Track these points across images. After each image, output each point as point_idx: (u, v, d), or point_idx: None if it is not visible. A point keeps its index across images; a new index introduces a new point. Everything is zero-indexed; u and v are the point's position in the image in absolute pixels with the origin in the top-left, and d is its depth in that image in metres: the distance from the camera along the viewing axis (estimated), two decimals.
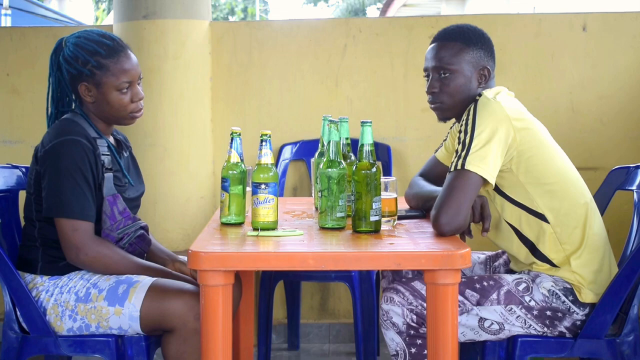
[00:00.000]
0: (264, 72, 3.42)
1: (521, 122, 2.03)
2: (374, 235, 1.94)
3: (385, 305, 2.04)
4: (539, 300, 2.02)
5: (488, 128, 1.98)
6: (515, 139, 2.00)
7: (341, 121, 2.21)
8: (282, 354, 3.34)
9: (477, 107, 2.02)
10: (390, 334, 2.04)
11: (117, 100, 2.11)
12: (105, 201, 2.08)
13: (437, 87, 2.14)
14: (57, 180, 2.02)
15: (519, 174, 2.04)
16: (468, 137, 1.99)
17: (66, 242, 2.02)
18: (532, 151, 2.03)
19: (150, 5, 3.23)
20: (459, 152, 1.99)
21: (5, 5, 7.86)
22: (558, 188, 2.07)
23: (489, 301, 2.02)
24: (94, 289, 2.04)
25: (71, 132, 2.05)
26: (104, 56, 2.10)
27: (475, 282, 2.05)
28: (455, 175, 1.97)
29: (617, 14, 3.39)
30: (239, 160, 2.11)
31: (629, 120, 3.34)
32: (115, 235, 2.09)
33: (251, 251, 1.84)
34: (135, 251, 2.15)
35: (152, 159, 3.25)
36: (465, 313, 2.02)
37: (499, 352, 2.05)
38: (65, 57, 2.12)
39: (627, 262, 1.97)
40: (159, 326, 2.01)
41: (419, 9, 16.28)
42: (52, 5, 13.34)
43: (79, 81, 2.11)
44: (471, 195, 1.97)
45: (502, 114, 2.00)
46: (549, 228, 2.05)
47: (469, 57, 2.12)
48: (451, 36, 2.16)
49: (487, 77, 2.14)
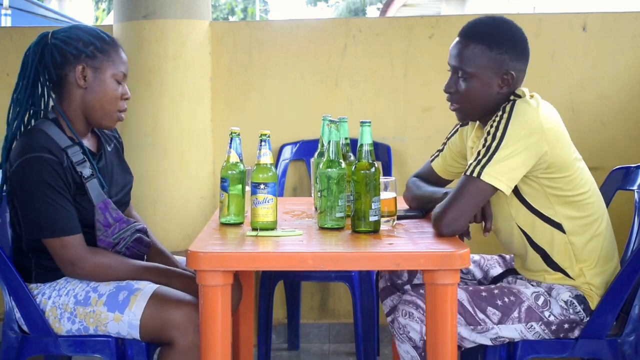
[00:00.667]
0: (264, 72, 3.41)
1: (555, 133, 1.94)
2: (373, 236, 1.94)
3: (403, 319, 1.99)
4: (558, 314, 1.99)
5: (519, 138, 1.89)
6: (547, 152, 1.92)
7: (341, 121, 2.20)
8: (282, 354, 3.34)
9: (514, 111, 1.92)
10: (406, 347, 2.00)
11: (111, 90, 2.05)
12: (97, 209, 2.03)
13: (454, 88, 2.05)
14: (31, 203, 1.96)
15: (545, 184, 1.98)
16: (495, 143, 1.90)
17: (60, 260, 1.99)
18: (562, 164, 1.96)
19: (150, 5, 3.23)
20: (480, 155, 1.92)
21: (5, 5, 7.86)
22: (582, 199, 2.01)
23: (510, 319, 1.98)
24: (93, 293, 2.03)
25: (35, 147, 1.95)
26: (106, 42, 2.07)
27: (497, 298, 1.99)
28: (469, 181, 1.92)
29: (617, 14, 3.39)
30: (238, 160, 2.11)
31: (629, 120, 3.34)
32: (111, 241, 2.05)
33: (250, 251, 1.84)
34: (133, 254, 2.12)
35: (152, 159, 3.25)
36: (484, 332, 1.98)
37: (500, 354, 2.04)
38: (62, 38, 2.04)
39: (627, 262, 1.97)
40: (158, 336, 1.99)
41: (419, 9, 16.28)
42: (52, 5, 13.34)
43: (76, 62, 2.02)
44: (479, 204, 1.94)
45: (537, 123, 1.91)
46: (564, 238, 2.01)
47: (491, 61, 2.00)
48: (476, 35, 2.02)
49: (510, 82, 2.01)
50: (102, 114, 2.07)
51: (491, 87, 2.02)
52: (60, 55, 2.04)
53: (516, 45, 2.03)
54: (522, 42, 2.06)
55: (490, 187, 1.90)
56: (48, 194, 1.94)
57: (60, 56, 2.04)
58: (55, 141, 2.00)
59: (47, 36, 2.08)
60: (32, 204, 1.96)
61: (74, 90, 2.06)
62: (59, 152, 1.98)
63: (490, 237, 2.17)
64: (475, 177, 1.91)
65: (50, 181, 1.94)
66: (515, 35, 2.05)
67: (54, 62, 2.05)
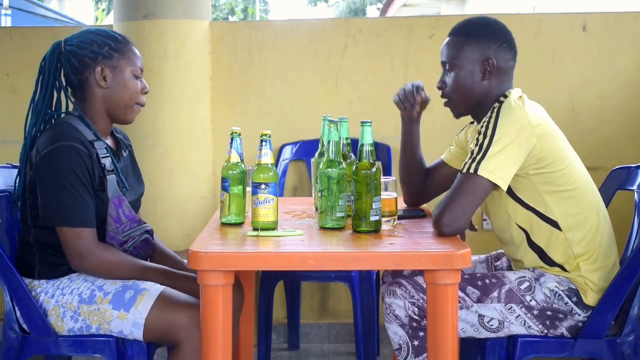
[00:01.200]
0: (264, 72, 3.42)
1: (543, 128, 2.00)
2: (374, 235, 1.94)
3: (388, 298, 2.05)
4: (540, 300, 2.02)
5: (509, 134, 1.94)
6: (535, 146, 1.96)
7: (341, 121, 2.20)
8: (282, 354, 3.34)
9: (501, 111, 1.99)
10: (394, 327, 2.04)
11: (132, 85, 2.12)
12: (111, 203, 2.06)
13: (444, 82, 2.14)
14: (54, 188, 1.99)
15: (536, 180, 2.01)
16: (487, 141, 1.95)
17: (70, 250, 2.01)
18: (551, 158, 2.00)
19: (150, 5, 3.23)
20: (474, 154, 1.96)
21: (5, 5, 7.86)
22: (574, 194, 2.04)
23: (489, 299, 2.02)
24: (99, 292, 2.04)
25: (66, 136, 2.01)
26: (119, 41, 2.14)
27: (477, 280, 2.04)
28: (466, 178, 1.95)
29: (617, 14, 3.39)
30: (239, 160, 2.11)
31: (629, 120, 3.34)
32: (120, 238, 2.08)
33: (251, 251, 1.84)
34: (139, 254, 2.14)
35: (152, 159, 3.25)
36: (465, 309, 2.02)
37: (499, 352, 2.05)
38: (77, 44, 2.10)
39: (627, 262, 1.97)
40: (163, 337, 2.00)
41: (419, 9, 16.27)
42: (52, 5, 13.34)
43: (95, 65, 2.09)
44: (478, 200, 1.95)
45: (525, 119, 1.97)
46: (561, 235, 2.03)
47: (470, 49, 2.09)
48: (455, 30, 2.15)
49: (492, 70, 2.09)
50: (125, 109, 2.14)
51: (474, 74, 2.10)
52: (77, 60, 2.10)
53: (495, 34, 2.11)
54: (502, 33, 2.13)
55: (487, 182, 1.93)
56: (73, 183, 1.99)
57: (78, 61, 2.10)
58: (83, 133, 2.06)
59: (60, 45, 2.13)
60: (56, 190, 1.99)
61: (96, 91, 2.12)
62: (88, 144, 2.04)
63: (496, 239, 2.19)
64: (472, 173, 1.93)
65: (78, 170, 1.99)
66: (495, 27, 2.14)
67: (72, 69, 2.11)
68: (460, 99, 2.13)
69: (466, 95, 2.11)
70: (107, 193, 2.06)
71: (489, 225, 3.19)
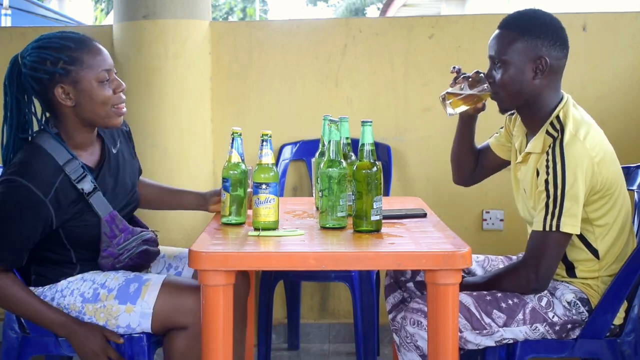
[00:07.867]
0: (264, 72, 3.41)
1: (602, 162, 1.95)
2: (374, 235, 1.94)
3: (412, 328, 1.97)
4: (561, 315, 2.00)
5: (577, 181, 1.89)
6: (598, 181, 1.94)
7: (341, 121, 2.20)
8: (282, 354, 3.34)
9: (565, 152, 1.91)
10: (412, 355, 1.99)
11: (100, 94, 1.97)
12: (103, 222, 2.02)
13: (492, 77, 2.05)
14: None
15: (588, 210, 1.97)
16: (559, 192, 1.89)
17: None
18: (604, 186, 1.97)
19: (150, 5, 3.23)
20: (549, 208, 1.91)
21: (5, 5, 7.86)
22: (619, 226, 2.02)
23: (515, 322, 1.98)
24: (102, 289, 2.03)
25: (25, 172, 1.91)
26: (73, 49, 1.96)
27: (501, 301, 1.99)
28: (548, 237, 1.92)
29: (617, 14, 3.39)
30: (239, 160, 2.11)
31: (629, 120, 3.34)
32: (116, 252, 2.07)
33: (252, 251, 1.84)
34: (136, 264, 2.13)
35: (152, 159, 3.24)
36: (489, 336, 1.98)
37: (500, 353, 2.04)
38: (30, 65, 1.96)
39: (627, 262, 1.97)
40: (171, 322, 2.00)
41: (419, 9, 16.27)
42: (52, 5, 13.34)
43: (53, 86, 1.95)
44: (562, 254, 1.96)
45: (588, 160, 1.91)
46: (596, 263, 2.02)
47: (522, 46, 1.98)
48: (508, 24, 2.04)
49: (544, 68, 1.99)
50: (103, 118, 2.01)
51: (524, 73, 2.00)
52: (36, 82, 1.97)
53: (549, 31, 2.01)
54: (555, 29, 2.03)
55: (569, 235, 1.93)
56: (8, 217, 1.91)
57: (37, 84, 1.98)
58: (53, 157, 1.96)
59: (18, 62, 2.01)
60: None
61: (64, 110, 2.00)
62: (54, 174, 1.95)
63: (496, 239, 2.18)
64: (554, 231, 1.91)
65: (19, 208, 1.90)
66: (549, 23, 2.04)
67: (34, 92, 2.00)
68: (508, 96, 2.04)
69: (515, 94, 2.02)
70: (97, 212, 2.01)
71: (489, 225, 3.20)
